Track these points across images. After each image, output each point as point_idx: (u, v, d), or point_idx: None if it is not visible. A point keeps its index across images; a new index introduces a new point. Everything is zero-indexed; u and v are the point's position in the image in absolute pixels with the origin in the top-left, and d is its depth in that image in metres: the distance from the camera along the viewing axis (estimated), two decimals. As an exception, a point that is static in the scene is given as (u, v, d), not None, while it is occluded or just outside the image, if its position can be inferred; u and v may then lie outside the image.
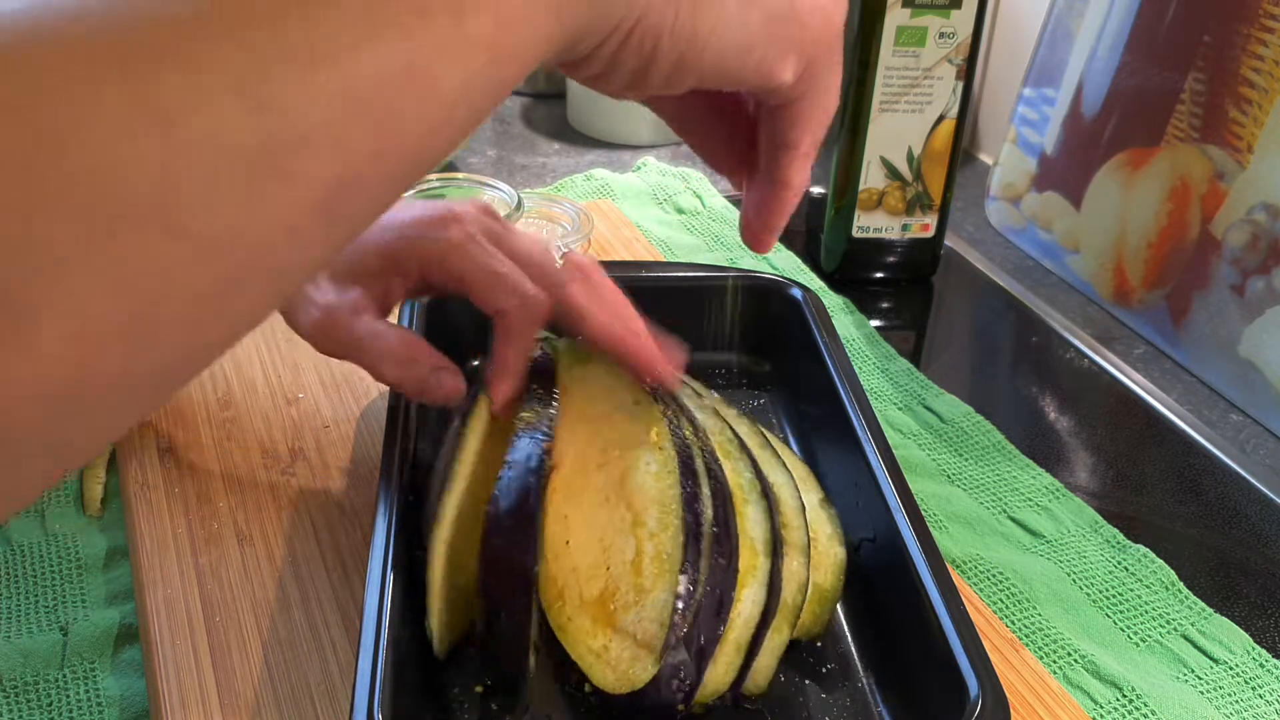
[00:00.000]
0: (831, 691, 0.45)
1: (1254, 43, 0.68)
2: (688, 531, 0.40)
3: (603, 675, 0.39)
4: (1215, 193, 0.71)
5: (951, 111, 0.72)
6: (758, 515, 0.44)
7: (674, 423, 0.45)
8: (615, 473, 0.43)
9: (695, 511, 0.41)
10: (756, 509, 0.44)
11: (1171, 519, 0.58)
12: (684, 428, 0.45)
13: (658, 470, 0.42)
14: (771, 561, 0.43)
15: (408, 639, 0.41)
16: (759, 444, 0.48)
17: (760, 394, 0.62)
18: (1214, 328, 0.70)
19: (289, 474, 0.55)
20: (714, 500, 0.42)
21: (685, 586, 0.39)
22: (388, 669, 0.38)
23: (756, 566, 0.42)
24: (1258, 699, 0.48)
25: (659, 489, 0.42)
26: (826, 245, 0.78)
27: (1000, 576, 0.52)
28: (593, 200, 0.85)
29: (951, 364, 0.73)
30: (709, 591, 0.40)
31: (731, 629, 0.41)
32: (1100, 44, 0.79)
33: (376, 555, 0.43)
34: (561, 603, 0.40)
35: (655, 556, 0.40)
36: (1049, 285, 0.82)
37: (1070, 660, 0.49)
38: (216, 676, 0.45)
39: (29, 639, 0.47)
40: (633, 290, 0.49)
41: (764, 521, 0.44)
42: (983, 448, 0.62)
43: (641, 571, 0.40)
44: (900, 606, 0.45)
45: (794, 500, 0.46)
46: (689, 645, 0.39)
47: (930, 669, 0.41)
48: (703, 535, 0.41)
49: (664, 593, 0.39)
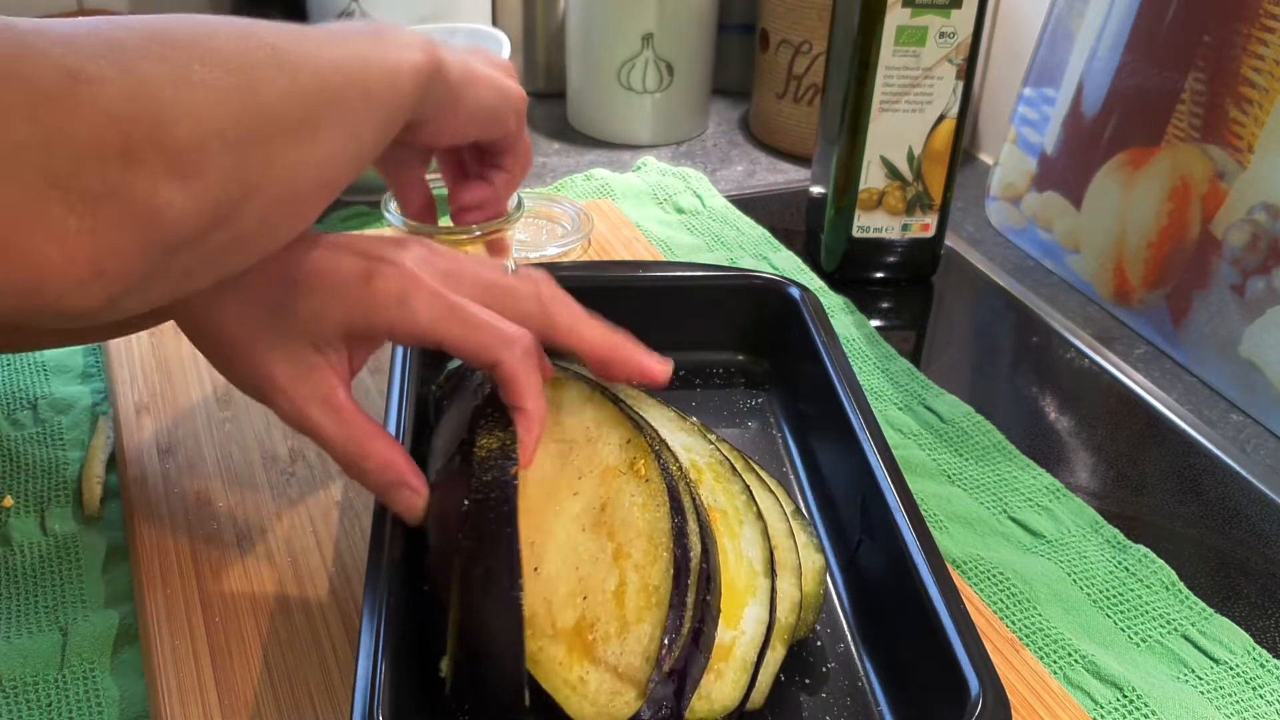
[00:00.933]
0: (832, 691, 0.45)
1: (1254, 42, 0.68)
2: (677, 566, 0.40)
3: (580, 708, 0.38)
4: (1216, 192, 0.71)
5: (952, 111, 0.72)
6: (754, 535, 0.44)
7: (659, 453, 0.44)
8: (594, 501, 0.42)
9: (684, 546, 0.41)
10: (753, 529, 0.44)
11: (1172, 519, 0.58)
12: (668, 459, 0.45)
13: (644, 501, 0.42)
14: (771, 581, 0.43)
15: (408, 643, 0.41)
16: (744, 467, 0.48)
17: (759, 394, 0.62)
18: (1214, 328, 0.70)
19: (289, 474, 0.55)
20: (701, 535, 0.42)
21: (673, 621, 0.39)
22: (388, 674, 0.38)
23: (756, 586, 0.42)
24: (1258, 699, 0.48)
25: (647, 521, 0.41)
26: (826, 245, 0.78)
27: (1001, 577, 0.52)
28: (593, 200, 0.85)
29: (951, 364, 0.73)
30: (695, 628, 0.39)
31: (736, 648, 0.41)
32: (1100, 44, 0.79)
33: (375, 560, 0.43)
34: (531, 630, 0.39)
35: (642, 589, 0.39)
36: (1049, 285, 0.82)
37: (1071, 660, 0.49)
38: (216, 676, 0.45)
39: (29, 639, 0.47)
40: (633, 290, 0.49)
41: (760, 542, 0.44)
42: (983, 448, 0.62)
43: (625, 603, 0.39)
44: (900, 606, 0.45)
45: (781, 523, 0.46)
46: (672, 680, 0.39)
47: (931, 668, 0.41)
48: (690, 570, 0.40)
49: (650, 626, 0.39)
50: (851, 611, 0.48)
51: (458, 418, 0.47)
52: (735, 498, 0.45)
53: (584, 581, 0.40)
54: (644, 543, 0.41)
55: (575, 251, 0.76)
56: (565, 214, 0.79)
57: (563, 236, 0.77)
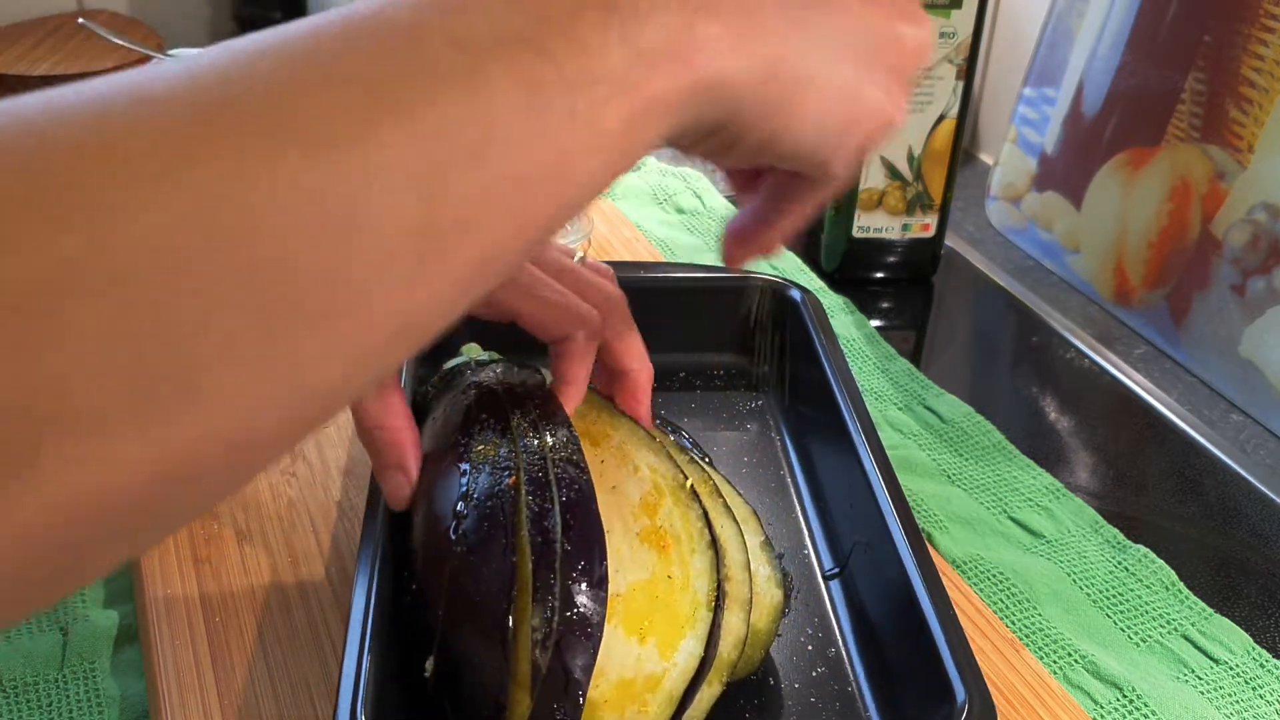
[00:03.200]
0: (821, 695, 0.45)
1: (1254, 42, 0.68)
2: (537, 553, 0.39)
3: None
4: (1216, 192, 0.70)
5: (952, 111, 0.72)
6: (703, 566, 0.43)
7: (519, 437, 0.43)
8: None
9: (543, 530, 0.39)
10: (703, 559, 0.43)
11: (1172, 519, 0.58)
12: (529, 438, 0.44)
13: (513, 496, 0.42)
14: (713, 615, 0.41)
15: (395, 641, 0.41)
16: (709, 491, 0.47)
17: (758, 395, 0.62)
18: (1214, 328, 0.70)
19: (289, 474, 0.55)
20: (566, 514, 0.40)
21: (540, 613, 0.38)
22: (372, 673, 0.38)
23: (696, 619, 0.41)
24: (1258, 699, 0.48)
25: (510, 514, 0.41)
26: (826, 245, 0.78)
27: (1000, 577, 0.52)
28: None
29: (951, 364, 0.73)
30: (567, 615, 0.38)
31: (665, 679, 0.40)
32: (1100, 44, 0.79)
33: (364, 567, 0.43)
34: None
35: (522, 587, 0.39)
36: (1049, 285, 0.82)
37: (1071, 660, 0.49)
38: (216, 676, 0.45)
39: (29, 639, 0.47)
40: (633, 290, 0.49)
41: (708, 573, 0.42)
42: (983, 448, 0.62)
43: (517, 603, 0.39)
44: (890, 611, 0.45)
45: (740, 554, 0.44)
46: (558, 675, 0.37)
47: (919, 675, 0.41)
48: (556, 556, 0.39)
49: (526, 623, 0.38)
50: (843, 616, 0.48)
51: (451, 419, 0.47)
52: (691, 524, 0.44)
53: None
54: (514, 537, 0.40)
55: (575, 252, 0.76)
56: (565, 214, 0.79)
57: (563, 236, 0.77)
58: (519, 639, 0.38)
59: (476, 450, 0.43)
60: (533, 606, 0.38)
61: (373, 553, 0.43)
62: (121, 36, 0.89)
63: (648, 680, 0.40)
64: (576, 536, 0.39)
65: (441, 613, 0.40)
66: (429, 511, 0.43)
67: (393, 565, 0.43)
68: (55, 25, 1.00)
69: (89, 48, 0.96)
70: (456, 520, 0.41)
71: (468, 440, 0.44)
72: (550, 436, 0.44)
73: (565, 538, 0.39)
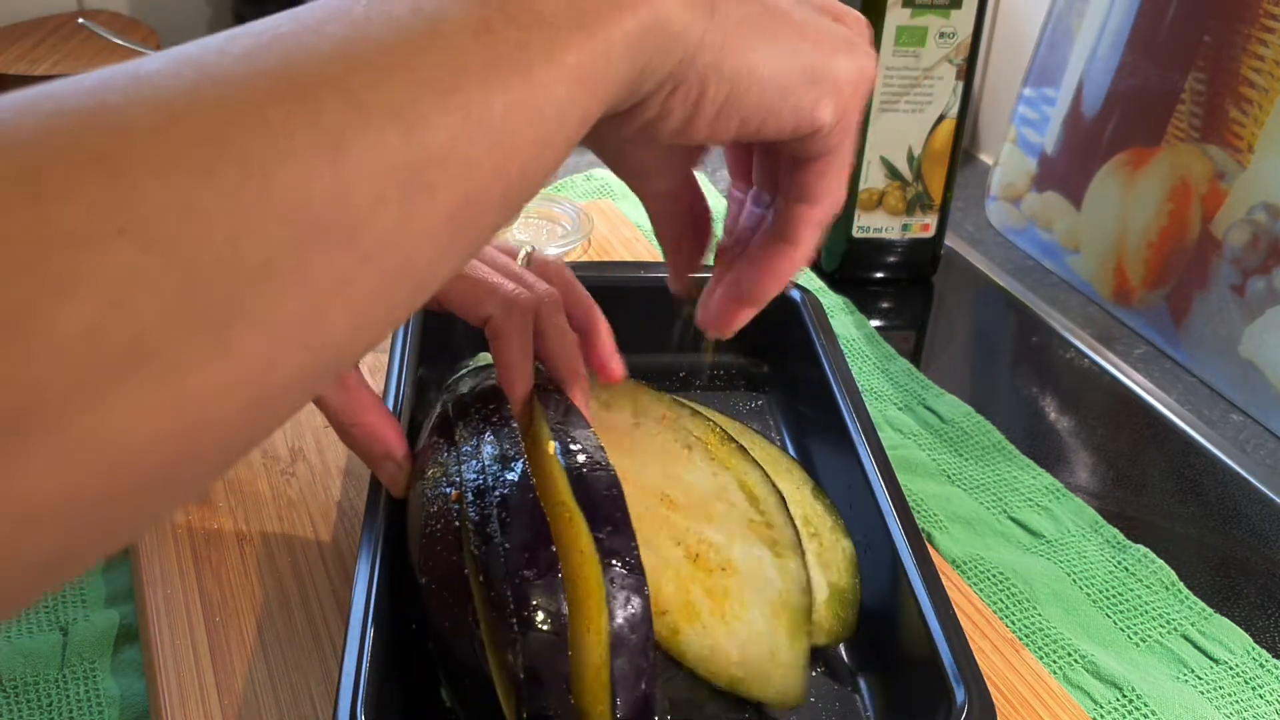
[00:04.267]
0: (821, 696, 0.45)
1: (1254, 42, 0.68)
2: (483, 562, 0.39)
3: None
4: (1216, 192, 0.70)
5: (951, 111, 0.72)
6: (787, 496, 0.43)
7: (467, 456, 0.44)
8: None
9: (486, 535, 0.39)
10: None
11: (1171, 519, 0.58)
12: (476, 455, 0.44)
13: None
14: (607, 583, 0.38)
15: (394, 646, 0.41)
16: (719, 439, 0.46)
17: (758, 395, 0.62)
18: (1214, 328, 0.70)
19: (289, 474, 0.55)
20: (502, 513, 0.40)
21: (503, 622, 0.37)
22: (372, 673, 0.38)
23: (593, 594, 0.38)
24: (1258, 699, 0.48)
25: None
26: (826, 245, 0.78)
27: (1000, 576, 0.52)
28: (593, 200, 0.85)
29: (951, 364, 0.73)
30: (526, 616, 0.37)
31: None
32: (1100, 44, 0.79)
33: (364, 565, 0.43)
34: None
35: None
36: (1049, 285, 0.82)
37: (1070, 660, 0.49)
38: (216, 676, 0.45)
39: (29, 639, 0.47)
40: (633, 291, 0.49)
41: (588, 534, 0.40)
42: (983, 448, 0.62)
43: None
44: (890, 611, 0.45)
45: (770, 495, 0.42)
46: (535, 678, 0.37)
47: (918, 675, 0.41)
48: (500, 558, 0.38)
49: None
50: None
51: (420, 443, 0.47)
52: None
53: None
54: (461, 553, 0.41)
55: (575, 252, 0.76)
56: (565, 214, 0.79)
57: (563, 237, 0.77)
58: (491, 652, 0.38)
59: (427, 475, 0.44)
60: (491, 617, 0.38)
61: (373, 553, 0.43)
62: (121, 36, 0.89)
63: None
64: (515, 531, 0.39)
65: (431, 644, 0.41)
66: (404, 545, 0.44)
67: (392, 565, 0.43)
68: (55, 25, 1.00)
69: (89, 48, 0.96)
70: (420, 546, 0.42)
71: (423, 467, 0.45)
72: (490, 438, 0.44)
73: (505, 537, 0.39)
